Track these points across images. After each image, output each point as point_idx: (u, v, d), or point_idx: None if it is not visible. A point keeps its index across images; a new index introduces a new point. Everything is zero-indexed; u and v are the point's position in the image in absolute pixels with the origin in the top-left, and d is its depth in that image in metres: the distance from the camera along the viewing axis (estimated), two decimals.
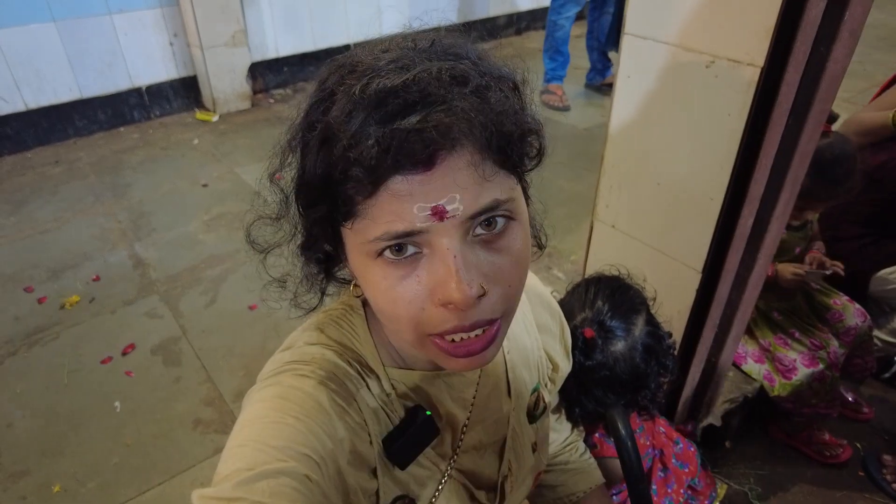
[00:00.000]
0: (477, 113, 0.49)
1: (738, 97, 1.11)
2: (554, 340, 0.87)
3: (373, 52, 0.53)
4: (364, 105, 0.48)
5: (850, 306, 1.90)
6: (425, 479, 0.71)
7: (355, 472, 0.62)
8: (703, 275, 1.33)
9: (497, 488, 0.80)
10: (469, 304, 0.50)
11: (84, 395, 1.99)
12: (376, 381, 0.66)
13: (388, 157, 0.47)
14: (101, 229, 2.85)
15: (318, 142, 0.51)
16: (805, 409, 1.83)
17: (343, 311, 0.69)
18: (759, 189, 1.20)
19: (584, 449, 1.07)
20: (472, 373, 0.73)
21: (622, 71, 1.29)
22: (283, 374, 0.62)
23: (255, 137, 3.72)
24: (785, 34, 1.04)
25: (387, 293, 0.53)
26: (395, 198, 0.48)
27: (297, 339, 0.68)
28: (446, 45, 0.54)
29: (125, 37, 3.60)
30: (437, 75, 0.48)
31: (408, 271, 0.52)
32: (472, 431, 0.75)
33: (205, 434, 1.85)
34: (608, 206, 1.48)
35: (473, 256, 0.52)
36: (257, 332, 2.24)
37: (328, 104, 0.51)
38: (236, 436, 0.57)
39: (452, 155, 0.48)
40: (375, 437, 0.65)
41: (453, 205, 0.49)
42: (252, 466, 0.53)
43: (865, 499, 1.79)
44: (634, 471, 0.76)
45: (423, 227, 0.49)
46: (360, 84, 0.48)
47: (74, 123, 3.65)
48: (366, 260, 0.53)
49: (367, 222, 0.50)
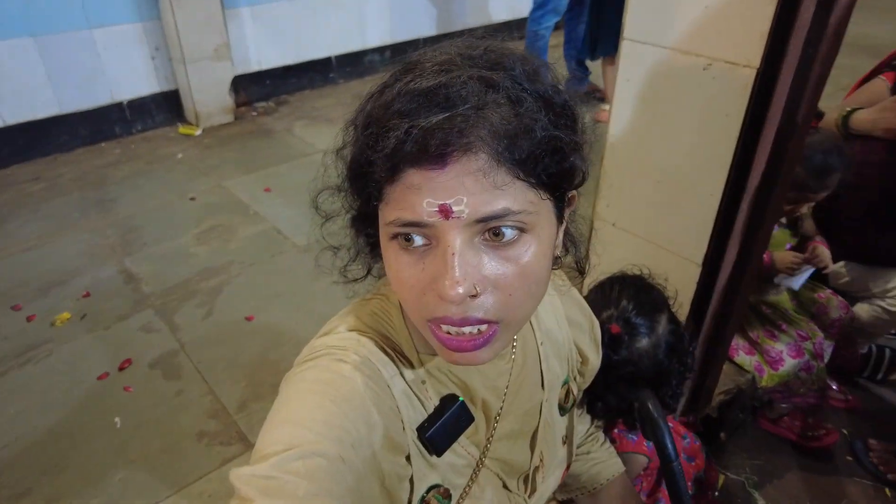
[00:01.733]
0: (499, 121, 0.51)
1: (736, 98, 1.17)
2: (584, 334, 0.89)
3: (432, 54, 0.57)
4: (398, 100, 0.52)
5: (834, 299, 1.98)
6: (460, 467, 0.73)
7: (390, 457, 0.64)
8: (704, 268, 1.38)
9: (528, 478, 0.82)
10: (456, 301, 0.53)
11: (83, 413, 1.96)
12: (410, 369, 0.68)
13: (404, 149, 0.51)
14: (88, 245, 2.81)
15: (361, 128, 0.56)
16: (794, 399, 1.90)
17: (379, 299, 0.72)
18: (755, 184, 1.26)
19: (604, 439, 1.09)
20: (506, 362, 0.75)
21: (621, 74, 1.35)
22: (321, 357, 0.64)
23: (240, 150, 3.71)
24: (779, 37, 1.11)
25: (397, 274, 0.58)
26: (408, 189, 0.52)
27: (334, 326, 0.70)
28: (496, 54, 0.57)
29: (106, 51, 3.57)
30: (468, 81, 0.52)
31: (415, 258, 0.56)
32: (505, 420, 0.76)
33: (210, 446, 1.84)
34: (609, 205, 1.53)
35: (475, 258, 0.54)
36: (257, 343, 2.24)
37: (379, 95, 0.56)
38: (275, 415, 0.59)
39: (465, 157, 0.51)
40: (409, 423, 0.66)
41: (459, 206, 0.51)
42: (289, 446, 0.54)
43: (855, 482, 1.86)
44: (668, 450, 0.79)
45: (430, 222, 0.53)
46: (404, 81, 0.53)
47: (55, 139, 3.59)
48: (387, 241, 0.58)
49: (387, 206, 0.55)
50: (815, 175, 1.69)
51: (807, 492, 1.84)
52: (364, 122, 0.56)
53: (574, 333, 0.88)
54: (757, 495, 1.83)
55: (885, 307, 2.00)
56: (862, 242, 1.98)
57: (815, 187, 1.72)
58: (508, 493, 0.80)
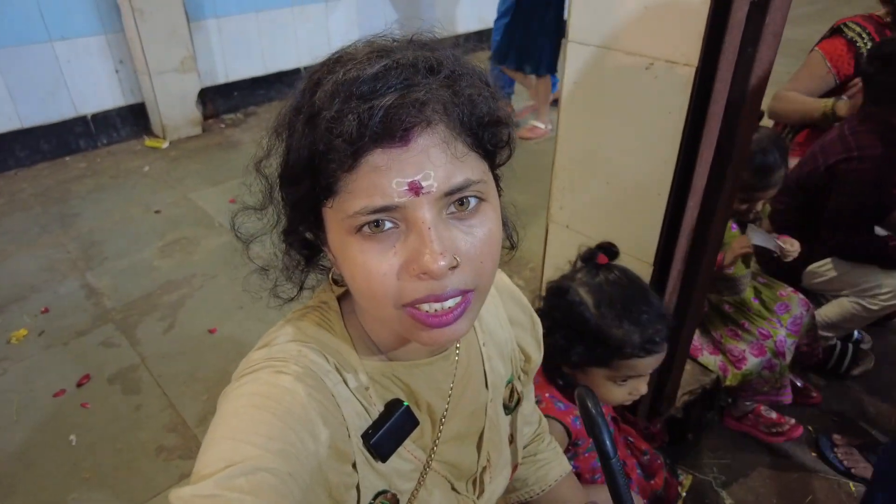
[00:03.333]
0: (450, 95, 0.54)
1: (677, 96, 1.18)
2: (526, 333, 0.89)
3: (356, 47, 0.58)
4: (346, 85, 0.52)
5: (795, 296, 2.00)
6: (407, 472, 0.72)
7: (336, 466, 0.63)
8: (655, 267, 1.39)
9: (477, 480, 0.82)
10: (442, 274, 0.54)
11: (36, 431, 1.91)
12: (353, 376, 0.67)
13: (367, 130, 0.51)
14: (48, 260, 2.75)
15: (304, 121, 0.55)
16: (758, 397, 1.91)
17: (318, 306, 0.71)
18: (702, 181, 1.27)
19: (549, 438, 1.09)
20: (450, 363, 0.75)
21: (567, 77, 1.36)
22: (260, 370, 0.62)
23: (207, 162, 3.68)
24: (715, 36, 1.13)
25: (364, 266, 0.56)
26: (374, 171, 0.52)
27: (273, 337, 0.68)
28: (424, 40, 0.59)
29: (68, 64, 3.52)
30: (413, 62, 0.53)
31: (384, 245, 0.55)
32: (450, 422, 0.76)
33: (169, 461, 1.80)
34: (562, 207, 1.54)
35: (447, 231, 0.55)
36: (219, 356, 2.20)
37: (314, 90, 0.55)
38: (213, 433, 0.57)
39: (427, 132, 0.53)
40: (354, 430, 0.65)
41: (428, 181, 0.53)
42: (231, 462, 0.53)
43: (820, 478, 1.87)
44: (605, 446, 0.79)
45: (399, 203, 0.53)
46: (344, 69, 0.53)
47: (15, 154, 3.53)
48: (345, 237, 0.56)
49: (347, 196, 0.54)
50: (757, 174, 1.72)
51: (774, 489, 1.85)
52: (307, 115, 0.54)
53: (516, 333, 0.88)
54: (724, 495, 1.83)
55: (866, 305, 2.02)
56: (853, 238, 2.00)
57: (760, 186, 1.74)
58: (457, 496, 0.80)
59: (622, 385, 1.20)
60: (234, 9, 4.04)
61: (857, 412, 2.09)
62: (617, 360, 1.16)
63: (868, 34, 2.16)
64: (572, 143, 1.43)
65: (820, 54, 2.21)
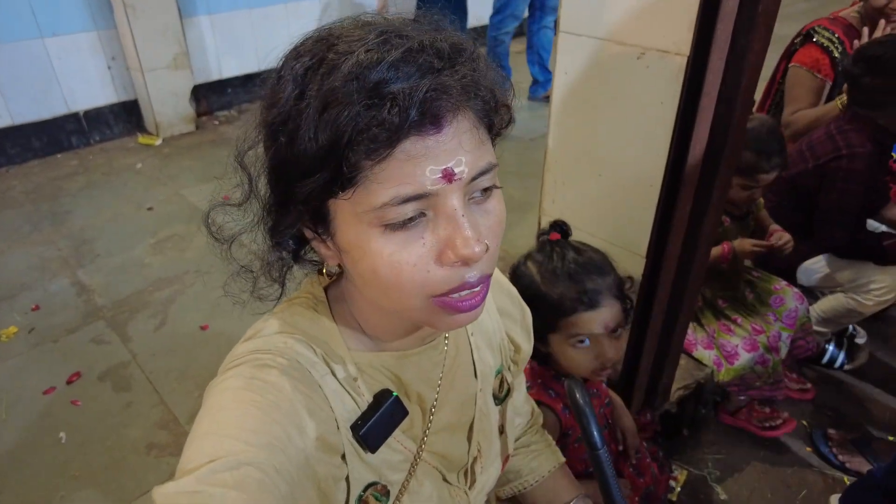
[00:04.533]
0: (475, 79, 0.53)
1: (669, 85, 1.17)
2: (515, 324, 0.89)
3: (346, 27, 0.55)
4: (371, 70, 0.49)
5: (790, 290, 2.00)
6: (397, 463, 0.71)
7: (325, 459, 0.62)
8: (648, 260, 1.38)
9: (468, 471, 0.81)
10: (479, 259, 0.54)
11: (25, 429, 1.89)
12: (342, 367, 0.66)
13: (407, 118, 0.49)
14: (39, 258, 2.73)
15: (319, 109, 0.50)
16: (751, 392, 1.91)
17: (306, 298, 0.69)
18: (695, 172, 1.26)
19: (543, 431, 1.09)
20: (439, 353, 0.74)
21: (559, 68, 1.35)
22: (246, 364, 0.61)
23: (200, 159, 3.66)
24: (707, 25, 1.12)
25: (390, 259, 0.54)
26: (409, 159, 0.50)
27: (259, 329, 0.67)
28: (426, 20, 0.57)
29: (59, 61, 3.50)
30: (433, 44, 0.51)
31: (411, 235, 0.54)
32: (440, 412, 0.75)
33: (159, 458, 1.78)
34: (554, 201, 1.53)
35: (472, 217, 0.55)
36: (210, 352, 2.18)
37: (323, 74, 0.51)
38: (197, 427, 0.56)
39: (458, 117, 0.52)
40: (343, 422, 0.64)
41: (460, 167, 0.52)
42: (215, 457, 0.52)
43: (814, 472, 1.87)
44: (593, 437, 0.78)
45: (432, 190, 0.51)
46: (358, 53, 0.50)
47: (6, 151, 3.50)
48: (366, 230, 0.54)
49: (374, 187, 0.51)
50: (762, 155, 1.73)
51: (768, 484, 1.84)
52: (323, 102, 0.50)
53: (506, 323, 0.87)
54: (719, 489, 1.83)
55: (860, 300, 2.02)
56: (846, 236, 2.00)
57: (766, 167, 1.74)
58: (448, 487, 0.79)
59: (580, 348, 1.18)
60: (226, 5, 4.03)
61: (852, 406, 2.09)
62: (562, 318, 1.17)
63: (837, 38, 2.20)
64: (564, 135, 1.42)
65: (802, 69, 2.25)
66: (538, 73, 4.43)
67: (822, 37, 2.20)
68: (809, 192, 2.02)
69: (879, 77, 1.82)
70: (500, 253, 0.64)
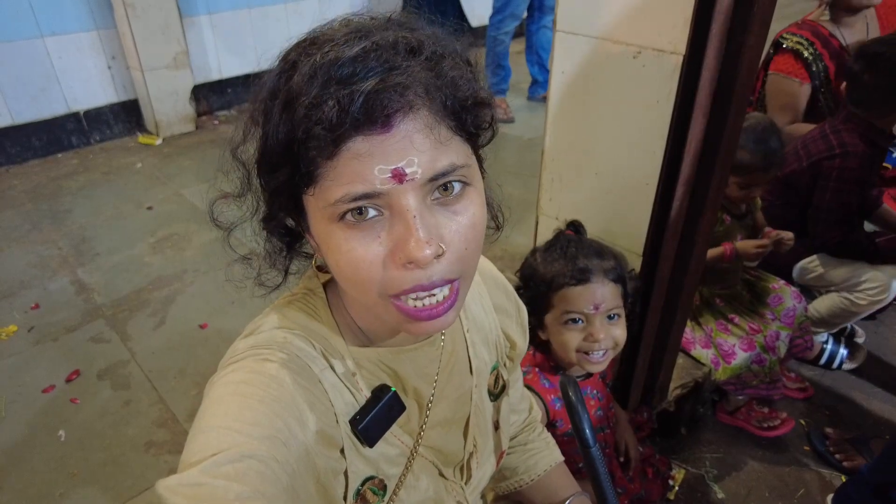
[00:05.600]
0: (433, 78, 0.52)
1: (665, 84, 1.18)
2: (511, 320, 0.89)
3: (331, 27, 0.56)
4: (325, 69, 0.50)
5: (787, 289, 2.00)
6: (394, 458, 0.72)
7: (325, 452, 0.62)
8: (645, 258, 1.39)
9: (464, 466, 0.82)
10: (428, 262, 0.53)
11: (24, 427, 1.90)
12: (340, 362, 0.66)
13: (347, 115, 0.49)
14: (39, 257, 2.73)
15: (281, 107, 0.52)
16: (748, 391, 1.91)
17: (304, 293, 0.70)
18: (691, 171, 1.27)
19: (541, 429, 1.09)
20: (435, 349, 0.75)
21: (556, 67, 1.35)
22: (246, 359, 0.62)
23: (200, 159, 3.66)
24: (702, 24, 1.12)
25: (348, 255, 0.54)
26: (355, 158, 0.50)
27: (258, 324, 0.67)
28: (401, 19, 0.57)
29: (60, 60, 3.50)
30: (393, 43, 0.51)
31: (368, 233, 0.54)
32: (437, 407, 0.76)
33: (158, 456, 1.79)
34: (551, 199, 1.53)
35: (431, 218, 0.54)
36: (209, 351, 2.19)
37: (290, 73, 0.53)
38: (199, 421, 0.57)
39: (409, 117, 0.51)
40: (342, 416, 0.65)
41: (412, 168, 0.51)
42: (218, 450, 0.52)
43: (812, 471, 1.87)
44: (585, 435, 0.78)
45: (382, 190, 0.51)
46: (322, 51, 0.51)
47: (6, 151, 3.51)
48: (328, 225, 0.55)
49: (329, 184, 0.52)
50: (760, 155, 1.72)
51: (766, 483, 1.84)
52: (284, 100, 0.52)
53: (501, 320, 0.87)
54: (717, 488, 1.83)
55: (854, 300, 2.02)
56: (840, 235, 2.00)
57: (763, 167, 1.74)
58: (445, 482, 0.79)
59: (572, 328, 1.21)
60: (226, 4, 4.03)
61: (850, 406, 2.09)
62: (553, 293, 1.21)
63: (806, 40, 2.21)
64: (561, 133, 1.42)
65: (780, 76, 2.27)
66: (537, 72, 4.43)
67: (792, 41, 2.22)
68: (803, 191, 2.03)
69: (879, 75, 1.82)
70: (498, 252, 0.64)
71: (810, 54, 2.19)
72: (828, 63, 2.20)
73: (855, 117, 1.93)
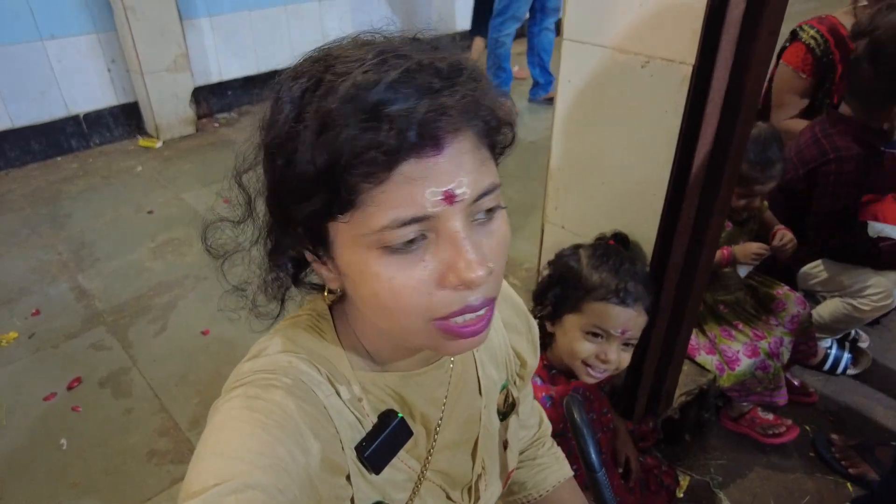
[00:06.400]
0: (474, 99, 0.52)
1: (674, 94, 1.17)
2: (521, 337, 0.88)
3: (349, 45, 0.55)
4: (367, 91, 0.48)
5: (792, 295, 2.00)
6: (401, 483, 0.71)
7: (330, 480, 0.61)
8: (652, 267, 1.38)
9: (472, 488, 0.80)
10: (482, 283, 0.53)
11: (25, 436, 1.88)
12: (346, 387, 0.65)
13: (405, 139, 0.48)
14: (39, 262, 2.72)
15: (316, 130, 0.50)
16: (752, 397, 1.90)
17: (310, 316, 0.68)
18: (699, 181, 1.26)
19: (551, 443, 1.08)
20: (444, 372, 0.74)
21: (563, 75, 1.34)
22: (250, 384, 0.61)
23: (201, 162, 3.65)
24: (712, 34, 1.11)
25: (390, 283, 0.53)
26: (407, 182, 0.50)
27: (263, 347, 0.66)
28: (430, 38, 0.57)
29: (59, 63, 3.48)
30: (430, 64, 0.51)
31: (412, 259, 0.53)
32: (445, 431, 0.75)
33: (160, 465, 1.78)
34: (557, 207, 1.52)
35: (475, 237, 0.54)
36: (211, 358, 2.17)
37: (320, 95, 0.51)
38: (202, 447, 0.56)
39: (458, 138, 0.51)
40: (347, 443, 0.64)
41: (461, 189, 0.51)
42: (220, 480, 0.51)
43: (817, 478, 1.87)
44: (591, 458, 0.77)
45: (432, 213, 0.51)
46: (360, 72, 0.49)
47: (5, 154, 3.49)
48: (365, 253, 0.53)
49: (373, 210, 0.51)
50: (758, 166, 1.72)
51: (771, 489, 1.84)
52: (320, 123, 0.49)
53: (511, 337, 0.86)
54: (721, 495, 1.83)
55: (857, 305, 2.01)
56: (841, 240, 1.99)
57: (761, 178, 1.74)
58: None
59: (591, 340, 1.22)
60: (227, 7, 4.01)
61: (855, 412, 2.08)
62: (589, 301, 1.21)
63: (821, 35, 2.17)
64: (568, 142, 1.41)
65: (789, 69, 2.24)
66: (539, 74, 4.42)
67: (807, 34, 2.18)
68: (801, 198, 2.01)
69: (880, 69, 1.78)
70: None
71: (821, 52, 2.16)
72: (837, 64, 2.16)
73: (845, 119, 1.91)
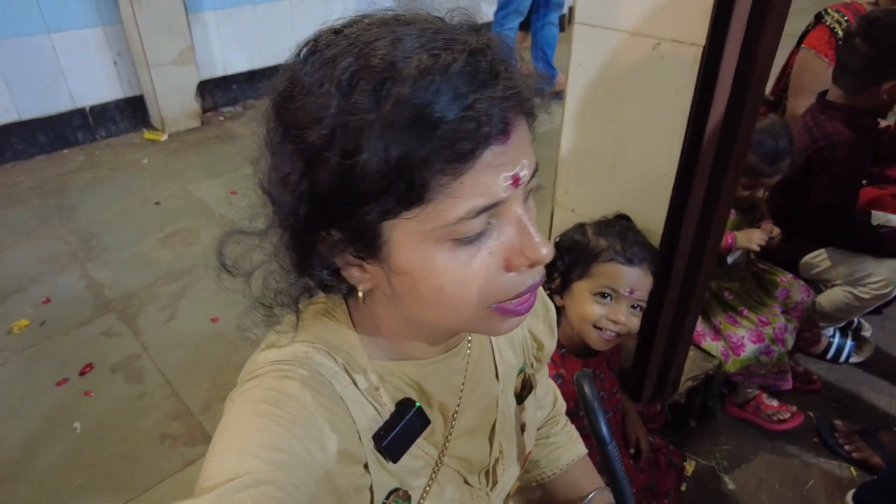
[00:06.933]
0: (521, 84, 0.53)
1: (684, 76, 1.19)
2: (538, 320, 0.88)
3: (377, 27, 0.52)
4: (444, 77, 0.46)
5: (796, 283, 2.02)
6: (418, 469, 0.70)
7: (347, 470, 0.61)
8: (661, 250, 1.39)
9: (489, 472, 0.80)
10: (547, 261, 0.54)
11: (39, 420, 1.90)
12: (363, 376, 0.64)
13: (490, 128, 0.48)
14: (48, 252, 2.74)
15: (387, 121, 0.47)
16: (756, 380, 1.92)
17: (325, 306, 0.68)
18: (707, 163, 1.28)
19: (565, 421, 1.08)
20: (461, 358, 0.73)
21: (574, 59, 1.36)
22: (265, 375, 0.60)
23: (206, 155, 3.66)
24: (722, 15, 1.13)
25: (457, 274, 0.53)
26: (487, 169, 0.49)
27: (279, 337, 0.65)
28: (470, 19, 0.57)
29: (66, 56, 3.50)
30: (484, 49, 0.50)
31: (476, 246, 0.53)
32: (462, 417, 0.74)
33: (173, 448, 1.80)
34: (567, 191, 1.54)
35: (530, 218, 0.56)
36: (221, 345, 2.19)
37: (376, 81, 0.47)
38: (217, 443, 0.56)
39: (519, 122, 0.52)
40: (365, 432, 0.63)
41: (524, 171, 0.53)
42: (234, 475, 0.51)
43: (822, 463, 1.89)
44: (601, 432, 0.78)
45: (504, 197, 0.52)
46: (418, 58, 0.47)
47: (12, 147, 3.50)
48: (431, 248, 0.52)
49: (449, 202, 0.49)
50: (766, 159, 1.73)
51: (776, 474, 1.86)
52: (390, 116, 0.46)
53: (528, 320, 0.86)
54: (727, 479, 1.85)
55: (858, 294, 2.03)
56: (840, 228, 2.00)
57: (768, 172, 1.75)
58: (470, 489, 0.78)
59: (600, 302, 1.27)
60: (232, 0, 4.02)
61: (858, 399, 2.10)
62: (597, 263, 1.27)
63: (846, 20, 2.15)
64: (578, 126, 1.43)
65: (812, 53, 2.22)
66: (542, 69, 4.43)
67: (832, 18, 2.17)
68: (798, 188, 2.02)
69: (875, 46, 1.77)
70: None
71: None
72: None
73: (833, 105, 1.91)
